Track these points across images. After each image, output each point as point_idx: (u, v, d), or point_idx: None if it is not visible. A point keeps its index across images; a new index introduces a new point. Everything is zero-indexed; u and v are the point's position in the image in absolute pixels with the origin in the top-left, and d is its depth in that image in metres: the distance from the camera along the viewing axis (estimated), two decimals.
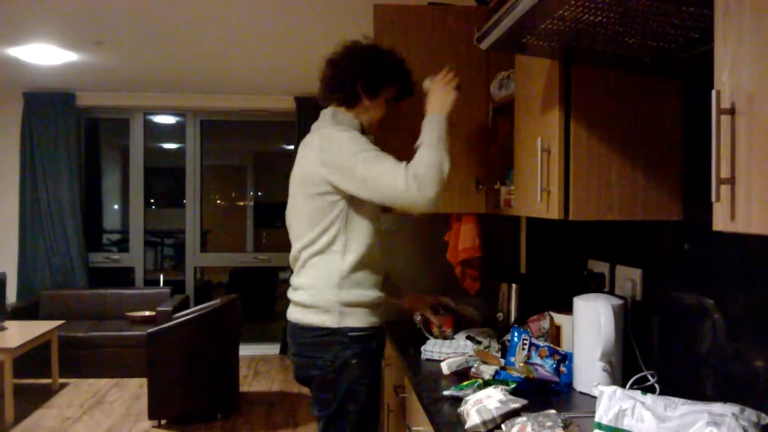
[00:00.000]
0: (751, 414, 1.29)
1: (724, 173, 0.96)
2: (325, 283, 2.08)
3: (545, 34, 1.45)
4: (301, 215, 2.14)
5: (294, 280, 2.18)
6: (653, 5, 1.23)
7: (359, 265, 2.09)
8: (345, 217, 2.07)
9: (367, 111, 2.20)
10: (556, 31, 1.42)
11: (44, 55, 4.78)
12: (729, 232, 0.97)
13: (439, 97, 2.11)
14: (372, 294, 2.12)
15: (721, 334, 1.61)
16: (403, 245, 3.05)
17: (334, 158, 2.04)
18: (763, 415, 1.30)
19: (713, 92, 0.96)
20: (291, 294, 2.18)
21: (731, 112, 0.95)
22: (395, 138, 2.32)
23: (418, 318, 2.56)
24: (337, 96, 2.19)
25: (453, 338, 2.43)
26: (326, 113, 2.23)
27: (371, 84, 2.16)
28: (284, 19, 3.90)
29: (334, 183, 2.05)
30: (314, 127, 2.23)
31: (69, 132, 6.15)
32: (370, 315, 2.11)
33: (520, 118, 2.07)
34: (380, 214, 2.19)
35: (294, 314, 2.15)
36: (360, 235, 2.09)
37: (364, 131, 2.22)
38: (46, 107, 6.10)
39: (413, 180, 1.94)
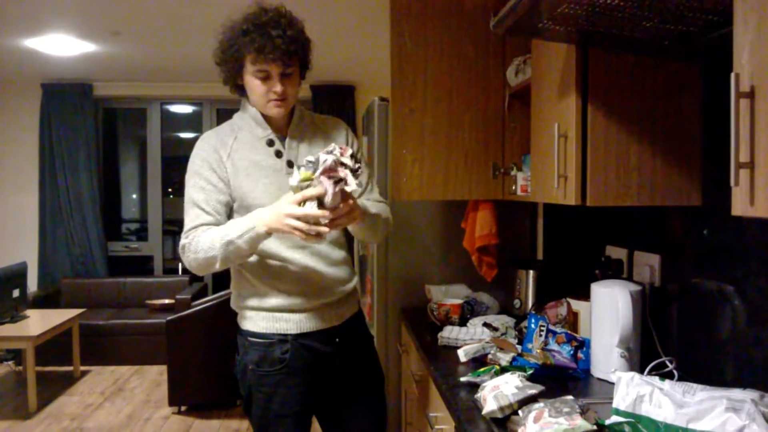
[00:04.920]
0: None
1: (743, 157, 0.95)
2: (232, 285, 2.09)
3: (562, 18, 1.44)
4: None
5: None
6: None
7: (249, 270, 1.97)
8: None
9: (247, 90, 2.04)
10: (572, 15, 1.40)
11: (62, 45, 4.81)
12: (748, 217, 0.96)
13: (283, 217, 1.71)
14: (269, 301, 1.95)
15: (740, 320, 1.60)
16: (419, 233, 3.05)
17: None
18: None
19: (732, 75, 0.95)
20: None
21: (750, 95, 0.94)
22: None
23: (434, 307, 2.56)
24: (229, 86, 2.11)
25: (463, 325, 2.43)
26: None
27: (222, 64, 2.02)
28: (298, 7, 3.88)
29: None
30: None
31: (87, 122, 6.20)
32: (272, 321, 1.95)
33: (537, 104, 2.05)
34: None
35: None
36: None
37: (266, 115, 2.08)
38: (64, 98, 6.15)
39: (183, 247, 1.88)
